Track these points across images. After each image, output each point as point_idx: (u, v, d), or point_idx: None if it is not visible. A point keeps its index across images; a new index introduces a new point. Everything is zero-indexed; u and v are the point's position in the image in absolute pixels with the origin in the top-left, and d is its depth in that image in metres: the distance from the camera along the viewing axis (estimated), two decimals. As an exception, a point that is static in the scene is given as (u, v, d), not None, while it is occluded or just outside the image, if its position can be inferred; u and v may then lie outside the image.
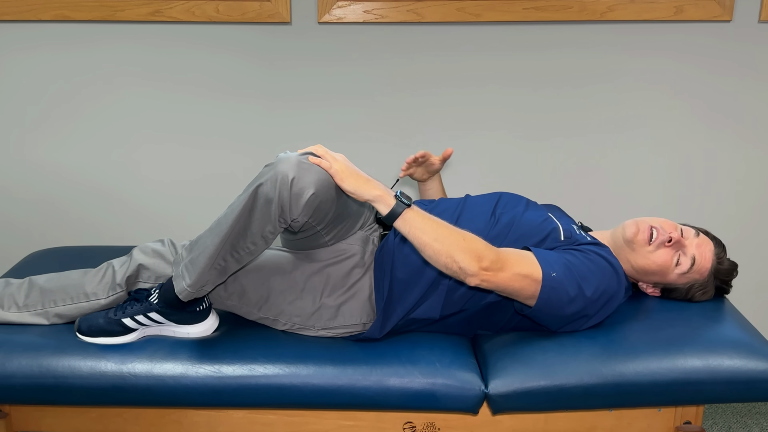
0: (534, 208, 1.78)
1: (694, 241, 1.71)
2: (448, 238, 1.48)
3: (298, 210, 1.50)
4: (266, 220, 1.51)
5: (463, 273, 1.47)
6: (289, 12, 2.26)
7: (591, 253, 1.62)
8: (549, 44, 2.29)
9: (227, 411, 1.67)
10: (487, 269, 1.46)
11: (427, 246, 1.48)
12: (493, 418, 1.65)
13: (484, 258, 1.46)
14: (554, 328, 1.63)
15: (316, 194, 1.49)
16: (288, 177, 1.47)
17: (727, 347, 1.58)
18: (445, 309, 1.67)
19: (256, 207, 1.51)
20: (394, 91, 2.35)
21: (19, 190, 2.48)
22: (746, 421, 2.32)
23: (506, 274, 1.48)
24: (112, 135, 2.42)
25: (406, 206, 1.49)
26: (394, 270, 1.66)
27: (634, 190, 2.41)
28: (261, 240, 1.55)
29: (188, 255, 1.59)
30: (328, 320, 1.67)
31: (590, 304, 1.58)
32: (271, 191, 1.48)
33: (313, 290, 1.66)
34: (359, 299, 1.67)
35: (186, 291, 1.57)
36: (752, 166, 2.37)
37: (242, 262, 1.58)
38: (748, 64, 2.28)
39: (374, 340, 1.68)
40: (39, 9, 2.28)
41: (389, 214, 1.49)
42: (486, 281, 1.48)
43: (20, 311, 1.70)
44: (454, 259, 1.46)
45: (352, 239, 1.72)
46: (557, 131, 2.37)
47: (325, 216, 1.59)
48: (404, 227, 1.49)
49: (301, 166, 1.49)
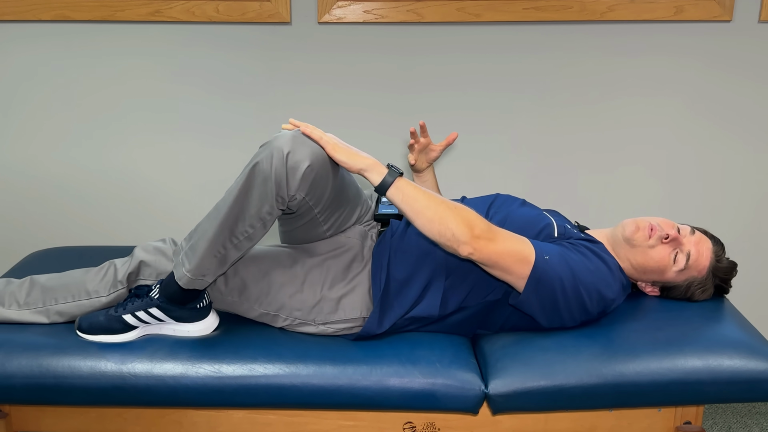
0: (529, 207, 1.81)
1: (691, 239, 1.72)
2: (440, 205, 1.51)
3: (294, 184, 1.51)
4: (263, 198, 1.52)
5: (456, 240, 1.48)
6: (289, 12, 2.26)
7: (583, 248, 1.64)
8: (549, 44, 2.29)
9: (227, 411, 1.67)
10: (478, 237, 1.48)
11: (419, 213, 1.50)
12: (493, 418, 1.65)
13: (476, 226, 1.49)
14: (545, 322, 1.63)
15: (311, 166, 1.51)
16: (283, 151, 1.49)
17: (727, 347, 1.58)
18: (444, 307, 1.67)
19: (254, 186, 1.52)
20: (394, 91, 2.35)
21: (19, 190, 2.48)
22: (746, 421, 2.32)
23: (498, 246, 1.51)
24: (112, 135, 2.42)
25: (398, 174, 1.53)
26: (391, 268, 1.67)
27: (633, 190, 2.41)
28: (259, 222, 1.55)
29: (188, 243, 1.61)
30: (329, 314, 1.67)
31: (582, 295, 1.59)
32: (267, 168, 1.49)
33: (313, 283, 1.67)
34: (359, 292, 1.67)
35: (186, 277, 1.57)
36: (752, 166, 2.37)
37: (241, 249, 1.58)
38: (748, 64, 2.28)
39: (373, 337, 1.68)
40: (39, 9, 2.28)
41: (382, 182, 1.52)
42: (477, 250, 1.49)
43: (21, 309, 1.70)
44: (447, 226, 1.48)
45: (350, 232, 1.73)
46: (557, 131, 2.37)
47: (322, 195, 1.59)
48: (397, 195, 1.52)
49: (296, 140, 1.51)
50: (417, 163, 1.91)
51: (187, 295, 1.62)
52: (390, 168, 1.53)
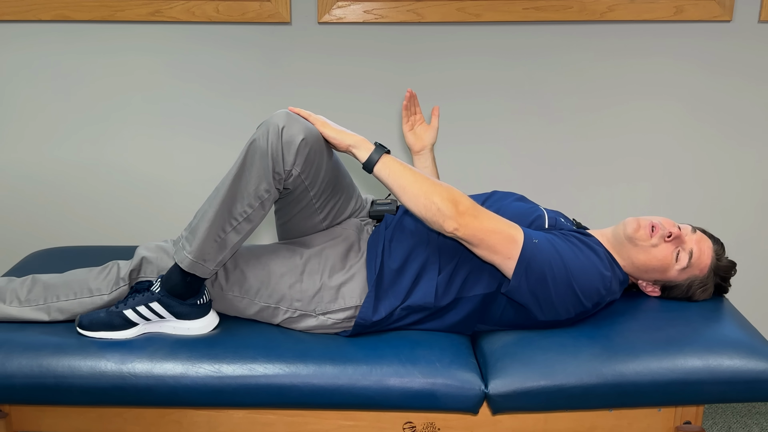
0: (523, 201, 1.83)
1: (693, 237, 1.72)
2: (426, 181, 1.55)
3: (290, 158, 1.56)
4: (261, 175, 1.57)
5: (441, 215, 1.52)
6: (289, 12, 2.26)
7: (573, 239, 1.66)
8: (549, 44, 2.29)
9: (227, 411, 1.67)
10: (463, 213, 1.52)
11: (406, 188, 1.55)
12: (493, 418, 1.65)
13: (461, 203, 1.53)
14: (540, 314, 1.63)
15: (305, 140, 1.56)
16: (278, 126, 1.55)
17: (727, 347, 1.58)
18: (439, 297, 1.68)
19: (251, 163, 1.57)
20: (394, 91, 2.35)
21: (19, 190, 2.48)
22: (746, 421, 2.32)
23: (483, 223, 1.54)
24: (113, 135, 2.42)
25: (385, 151, 1.58)
26: (384, 257, 1.69)
27: (633, 189, 2.41)
28: (257, 202, 1.59)
29: (188, 228, 1.64)
30: (329, 302, 1.68)
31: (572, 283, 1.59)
32: (263, 144, 1.55)
33: (312, 272, 1.69)
34: (358, 280, 1.69)
35: (187, 259, 1.59)
36: (752, 166, 2.37)
37: (241, 233, 1.61)
38: (748, 64, 2.28)
39: (371, 331, 1.68)
40: (39, 9, 2.28)
41: (369, 158, 1.58)
42: (463, 226, 1.52)
43: (21, 306, 1.70)
44: (432, 200, 1.52)
45: (346, 224, 1.77)
46: (556, 131, 2.37)
47: (317, 174, 1.63)
48: (384, 171, 1.57)
49: (290, 117, 1.58)
50: (414, 141, 1.93)
51: (188, 288, 1.62)
52: (377, 145, 1.58)
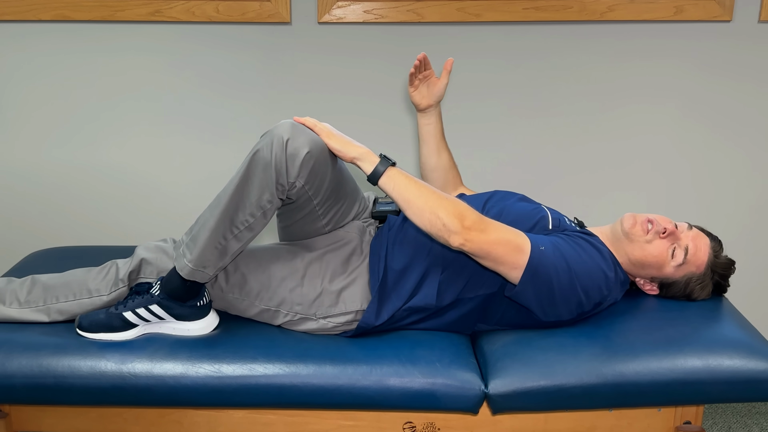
0: (526, 201, 1.82)
1: (689, 234, 1.73)
2: (431, 195, 1.53)
3: (294, 171, 1.53)
4: (264, 186, 1.54)
5: (447, 230, 1.49)
6: (289, 12, 2.26)
7: (578, 239, 1.66)
8: (549, 44, 2.29)
9: (227, 411, 1.67)
10: (470, 228, 1.49)
11: (411, 202, 1.52)
12: (493, 418, 1.65)
13: (467, 218, 1.50)
14: (542, 315, 1.63)
15: (310, 153, 1.54)
16: (283, 138, 1.53)
17: (727, 347, 1.58)
18: (441, 298, 1.68)
19: (254, 174, 1.55)
20: (394, 91, 2.35)
21: (20, 190, 2.48)
22: (746, 421, 2.32)
23: (490, 236, 1.51)
24: (113, 135, 2.42)
25: (391, 164, 1.55)
26: (388, 260, 1.68)
27: (633, 189, 2.41)
28: (259, 211, 1.57)
29: (188, 235, 1.62)
30: (330, 307, 1.67)
31: (576, 285, 1.59)
32: (267, 154, 1.53)
33: (313, 276, 1.68)
34: (359, 284, 1.68)
35: (187, 267, 1.58)
36: (752, 166, 2.37)
37: (242, 240, 1.60)
38: (748, 64, 2.28)
39: (372, 332, 1.68)
40: (39, 9, 2.28)
41: (374, 171, 1.55)
42: (469, 241, 1.50)
43: (21, 307, 1.70)
44: (437, 215, 1.50)
45: (348, 227, 1.75)
46: (556, 131, 2.37)
47: (321, 184, 1.61)
48: (389, 184, 1.54)
49: (295, 128, 1.55)
50: (420, 98, 1.87)
51: (187, 291, 1.62)
52: (382, 158, 1.56)
